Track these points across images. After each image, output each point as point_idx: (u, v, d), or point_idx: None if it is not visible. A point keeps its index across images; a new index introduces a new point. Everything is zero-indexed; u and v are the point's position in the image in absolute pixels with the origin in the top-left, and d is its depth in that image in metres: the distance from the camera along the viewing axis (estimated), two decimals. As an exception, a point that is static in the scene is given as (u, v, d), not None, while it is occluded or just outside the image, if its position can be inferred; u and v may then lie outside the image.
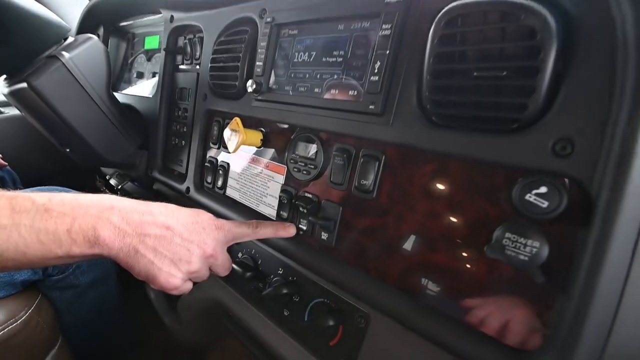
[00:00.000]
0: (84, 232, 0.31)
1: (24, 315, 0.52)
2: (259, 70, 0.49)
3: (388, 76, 0.36)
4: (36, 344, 0.54)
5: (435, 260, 0.35)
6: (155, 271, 0.34)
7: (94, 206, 0.32)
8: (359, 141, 0.40)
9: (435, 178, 0.35)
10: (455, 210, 0.33)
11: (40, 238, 0.30)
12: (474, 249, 0.32)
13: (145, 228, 0.34)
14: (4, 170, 0.92)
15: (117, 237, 0.32)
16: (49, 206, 0.30)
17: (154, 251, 0.34)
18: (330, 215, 0.43)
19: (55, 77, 0.63)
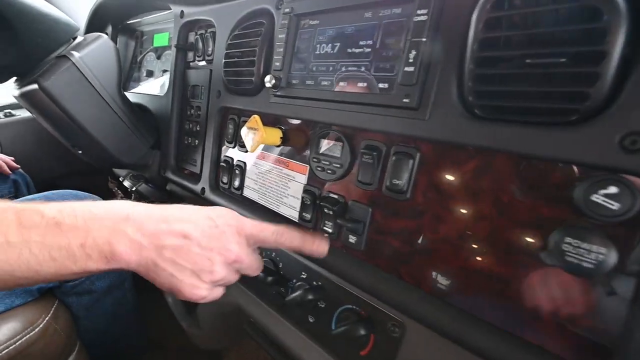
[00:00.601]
0: (99, 247, 0.29)
1: (42, 323, 0.51)
2: (277, 64, 0.46)
3: (424, 66, 0.33)
4: (54, 352, 0.53)
5: (480, 265, 0.32)
6: (178, 284, 0.32)
7: (108, 217, 0.30)
8: (390, 138, 0.38)
9: (479, 176, 0.32)
10: (502, 211, 0.31)
11: (52, 254, 0.27)
12: (525, 253, 0.29)
13: (161, 238, 0.31)
14: (17, 173, 0.92)
15: (134, 251, 0.30)
16: (59, 219, 0.28)
17: (173, 263, 0.31)
18: (359, 217, 0.40)
19: (66, 78, 0.62)
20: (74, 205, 0.30)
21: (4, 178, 0.87)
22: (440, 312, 0.34)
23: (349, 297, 0.43)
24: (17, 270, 0.27)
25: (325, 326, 0.45)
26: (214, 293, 0.35)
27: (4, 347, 0.46)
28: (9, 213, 0.27)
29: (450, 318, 0.33)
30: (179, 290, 0.33)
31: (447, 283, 0.34)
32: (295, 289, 0.49)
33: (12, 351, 0.46)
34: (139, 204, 0.33)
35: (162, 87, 0.82)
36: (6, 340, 0.46)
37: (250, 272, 0.38)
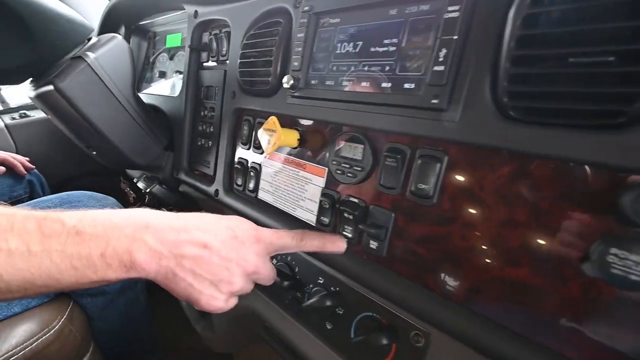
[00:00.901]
0: (119, 256, 0.28)
1: (57, 324, 0.51)
2: (296, 64, 0.45)
3: (455, 65, 0.31)
4: (70, 353, 0.53)
5: (514, 275, 0.30)
6: (196, 295, 0.32)
7: (128, 225, 0.30)
8: (415, 140, 0.36)
9: (513, 182, 0.30)
10: (539, 219, 0.29)
11: (73, 264, 0.27)
12: (564, 263, 0.28)
13: (181, 248, 0.31)
14: (32, 173, 0.93)
15: (153, 260, 0.30)
16: (80, 228, 0.28)
17: (192, 274, 0.31)
18: (381, 222, 0.39)
19: (81, 79, 0.61)
20: (94, 214, 0.30)
21: (20, 178, 0.88)
22: (470, 322, 0.32)
23: (368, 304, 0.42)
24: (37, 279, 0.27)
25: (343, 333, 0.44)
26: (230, 303, 0.35)
27: (20, 349, 0.46)
28: (31, 222, 0.27)
29: (480, 329, 0.32)
30: (197, 301, 0.32)
31: (477, 293, 0.33)
32: (312, 294, 0.48)
33: (29, 352, 0.46)
34: (159, 212, 0.33)
35: (175, 88, 0.82)
36: (23, 342, 0.46)
37: (265, 282, 0.38)
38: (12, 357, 0.45)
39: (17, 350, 0.45)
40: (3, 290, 0.26)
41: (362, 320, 0.42)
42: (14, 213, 0.27)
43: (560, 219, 0.28)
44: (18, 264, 0.26)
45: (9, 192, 0.84)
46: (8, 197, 0.84)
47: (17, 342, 0.45)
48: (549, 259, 0.28)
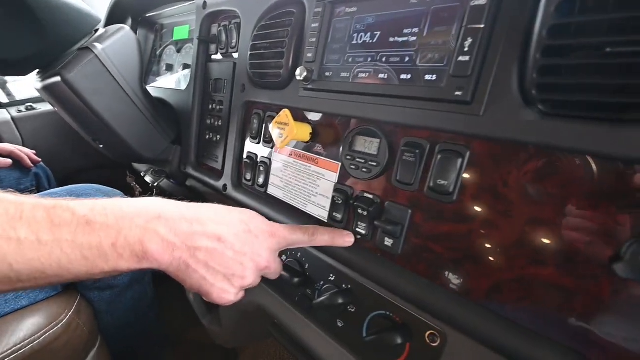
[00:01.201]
0: (130, 247, 0.28)
1: (65, 318, 0.50)
2: (309, 55, 0.44)
3: (481, 56, 0.30)
4: (77, 347, 0.53)
5: (537, 275, 0.29)
6: (208, 287, 0.32)
7: (139, 215, 0.29)
8: (435, 134, 0.35)
9: (540, 178, 0.29)
10: (567, 217, 0.28)
11: (84, 253, 0.27)
12: (594, 263, 0.26)
13: (195, 240, 0.30)
14: (38, 166, 0.92)
15: (166, 251, 0.29)
16: (90, 218, 0.27)
17: (205, 266, 0.31)
18: (397, 219, 0.38)
19: (88, 70, 0.61)
20: (104, 203, 0.29)
21: (26, 171, 0.88)
22: (490, 322, 0.31)
23: (380, 303, 0.41)
24: (48, 269, 0.26)
25: (355, 332, 0.43)
26: (239, 297, 0.35)
27: (28, 342, 0.45)
28: (40, 210, 0.26)
29: (500, 330, 0.31)
30: (208, 294, 0.32)
31: (497, 293, 0.31)
32: (323, 291, 0.47)
33: (36, 346, 0.46)
34: (170, 201, 0.32)
35: (182, 81, 0.81)
36: (31, 335, 0.46)
37: (272, 277, 0.38)
38: (20, 350, 0.44)
39: (25, 343, 0.45)
40: (14, 280, 0.26)
41: (375, 319, 0.41)
42: (22, 201, 0.26)
43: (590, 218, 0.27)
44: (28, 253, 0.25)
45: (16, 185, 0.84)
46: (14, 190, 0.83)
47: (24, 336, 0.45)
48: (576, 259, 0.27)
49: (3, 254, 0.25)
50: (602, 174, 0.26)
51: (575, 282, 0.27)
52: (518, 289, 0.30)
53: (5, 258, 0.25)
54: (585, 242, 0.27)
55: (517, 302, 0.30)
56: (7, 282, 0.26)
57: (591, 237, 0.26)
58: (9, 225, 0.25)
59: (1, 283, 0.26)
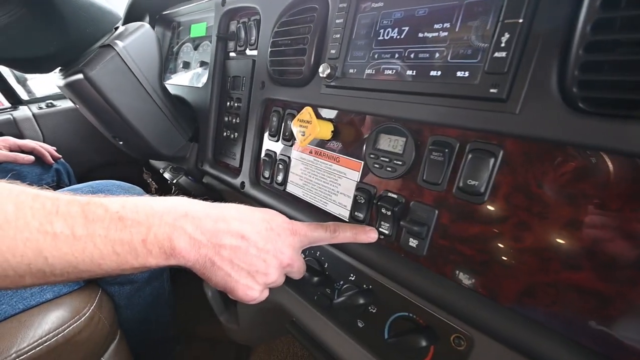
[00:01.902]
0: (159, 243, 0.28)
1: (88, 312, 0.51)
2: (333, 52, 0.43)
3: (519, 52, 0.29)
4: (98, 340, 0.53)
5: (573, 279, 0.28)
6: (233, 284, 0.32)
7: (168, 213, 0.30)
8: (465, 133, 0.34)
9: (579, 179, 0.28)
10: (607, 220, 0.26)
11: (115, 249, 0.27)
12: (632, 268, 0.25)
13: (220, 237, 0.31)
14: (59, 162, 0.94)
15: (193, 248, 0.30)
16: (122, 214, 0.28)
17: (230, 263, 0.31)
18: (422, 220, 0.37)
19: (110, 67, 0.61)
20: (135, 200, 0.29)
21: (47, 167, 0.90)
22: (520, 327, 0.30)
23: (403, 304, 0.40)
24: (80, 264, 0.26)
25: (376, 332, 0.42)
26: (264, 295, 0.35)
27: (52, 335, 0.46)
28: (75, 206, 0.26)
29: (531, 334, 0.30)
30: (233, 290, 0.32)
31: (529, 297, 0.30)
32: (343, 291, 0.46)
33: (61, 339, 0.47)
34: (195, 201, 0.33)
35: (200, 78, 0.81)
36: (55, 328, 0.47)
37: (296, 276, 0.38)
38: (45, 342, 0.45)
39: (50, 336, 0.46)
40: (47, 274, 0.26)
41: (397, 321, 0.41)
42: (57, 197, 0.27)
43: (633, 221, 0.25)
44: (63, 247, 0.25)
45: (37, 181, 0.86)
46: (37, 186, 0.85)
47: (49, 329, 0.46)
48: (613, 263, 0.26)
49: (39, 247, 0.25)
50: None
51: (611, 287, 0.26)
52: (551, 293, 0.29)
53: (41, 252, 0.25)
54: (626, 247, 0.26)
55: (549, 306, 0.29)
56: (41, 276, 0.26)
57: (630, 241, 0.25)
58: (46, 219, 0.25)
59: (34, 277, 0.26)
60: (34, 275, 0.26)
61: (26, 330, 0.44)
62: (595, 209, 0.27)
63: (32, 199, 0.25)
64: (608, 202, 0.26)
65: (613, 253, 0.26)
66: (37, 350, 0.44)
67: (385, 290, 0.42)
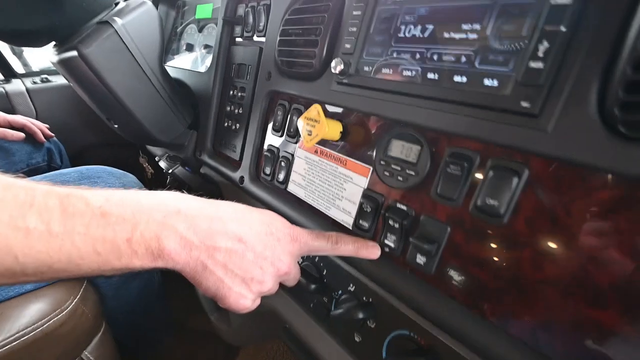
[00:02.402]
0: (146, 243, 0.26)
1: (70, 305, 0.49)
2: (347, 46, 0.40)
3: (557, 64, 0.26)
4: (80, 333, 0.51)
5: (596, 317, 0.26)
6: (225, 291, 0.29)
7: (158, 209, 0.27)
8: (487, 147, 0.31)
9: (613, 210, 0.25)
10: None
11: (96, 248, 0.24)
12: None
13: (214, 239, 0.28)
14: (51, 141, 0.90)
15: (184, 250, 0.27)
16: (106, 209, 0.25)
17: (224, 268, 0.29)
18: (433, 236, 0.34)
19: (107, 46, 0.57)
20: (122, 194, 0.27)
21: (39, 146, 0.86)
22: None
23: (405, 322, 0.38)
24: (56, 263, 0.24)
25: (374, 349, 0.40)
26: (255, 304, 0.32)
27: (31, 329, 0.44)
28: (53, 198, 0.24)
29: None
30: (225, 298, 0.30)
31: (544, 331, 0.28)
32: (341, 301, 0.44)
33: (39, 333, 0.44)
34: (190, 196, 0.30)
35: (202, 62, 0.77)
36: (34, 322, 0.44)
37: (290, 284, 0.36)
38: (23, 337, 0.43)
39: (28, 330, 0.43)
40: (17, 273, 0.23)
41: (397, 339, 0.39)
42: (34, 187, 0.24)
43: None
44: (36, 245, 0.23)
45: (27, 160, 0.83)
46: (26, 165, 0.82)
47: (27, 322, 0.44)
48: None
49: (9, 244, 0.22)
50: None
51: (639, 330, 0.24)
52: (570, 330, 0.27)
53: (11, 249, 0.22)
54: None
55: (567, 344, 0.27)
56: (10, 276, 0.24)
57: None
58: (18, 212, 0.22)
59: (2, 276, 0.23)
60: (2, 275, 0.23)
61: (3, 323, 0.42)
62: (629, 245, 0.24)
63: (2, 188, 0.22)
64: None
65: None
66: (14, 345, 0.42)
67: (387, 305, 0.40)
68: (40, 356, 0.45)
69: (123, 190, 0.27)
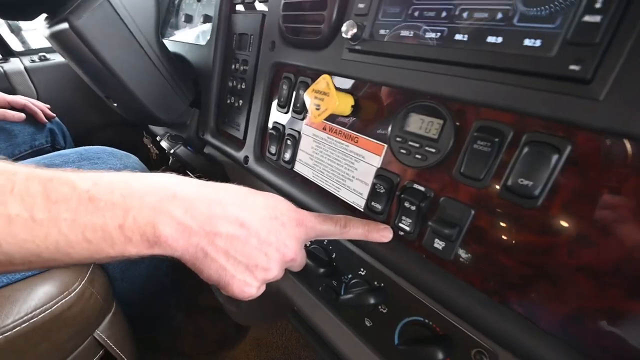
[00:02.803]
0: (140, 229, 0.24)
1: (78, 287, 0.48)
2: (361, 6, 0.35)
3: (617, 17, 0.21)
4: (90, 314, 0.51)
5: (637, 310, 0.23)
6: (228, 279, 0.28)
7: (151, 193, 0.25)
8: (523, 119, 0.27)
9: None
10: None
11: (86, 236, 0.23)
12: None
13: (215, 224, 0.26)
14: (53, 122, 0.88)
15: (182, 236, 0.25)
16: (94, 193, 0.23)
17: (226, 255, 0.27)
18: (454, 219, 0.31)
19: (99, 16, 0.53)
20: (111, 176, 0.25)
21: (41, 127, 0.84)
22: (560, 355, 0.26)
23: (419, 308, 0.36)
24: (44, 252, 0.22)
25: (385, 334, 0.39)
26: (260, 291, 0.31)
27: (40, 312, 0.44)
28: (35, 183, 0.22)
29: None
30: (228, 286, 0.28)
31: (575, 323, 0.26)
32: (351, 285, 0.42)
33: (48, 315, 0.44)
34: (187, 179, 0.28)
35: (202, 35, 0.72)
36: (42, 305, 0.44)
37: (296, 269, 0.34)
38: (31, 319, 0.43)
39: (37, 312, 0.43)
40: (4, 263, 0.22)
41: (410, 325, 0.37)
42: (15, 171, 0.22)
43: None
44: (20, 233, 0.21)
45: (30, 141, 0.81)
46: (30, 146, 0.81)
47: (35, 305, 0.43)
48: None
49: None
50: None
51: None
52: (605, 322, 0.24)
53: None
54: None
55: (601, 338, 0.25)
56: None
57: None
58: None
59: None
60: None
61: (11, 306, 0.41)
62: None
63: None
64: None
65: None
66: (24, 327, 0.42)
67: (400, 290, 0.38)
68: (50, 337, 0.46)
69: (113, 172, 0.25)
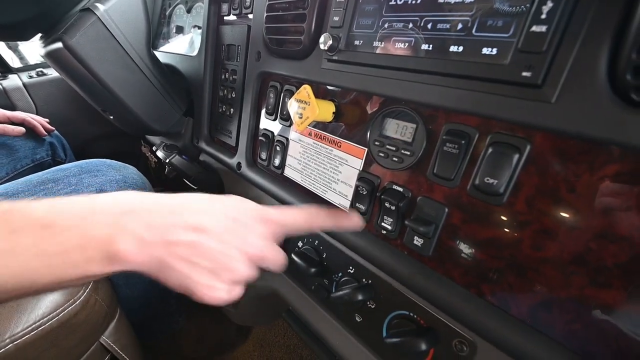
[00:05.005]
0: (99, 247, 0.24)
1: (83, 295, 0.50)
2: (336, 19, 0.37)
3: (562, 26, 0.23)
4: (96, 321, 0.53)
5: (598, 297, 0.25)
6: (192, 285, 0.27)
7: (108, 211, 0.25)
8: (487, 122, 0.29)
9: (621, 185, 0.23)
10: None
11: (47, 261, 0.23)
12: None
13: (172, 233, 0.26)
14: (53, 135, 0.91)
15: (141, 250, 0.25)
16: (50, 219, 0.24)
17: (187, 263, 0.27)
18: (430, 218, 0.33)
19: (91, 34, 0.55)
20: (68, 200, 0.25)
21: (41, 141, 0.87)
22: (531, 341, 0.28)
23: (404, 302, 0.38)
24: (8, 282, 0.23)
25: (374, 328, 0.41)
26: (234, 293, 0.30)
27: (47, 320, 0.46)
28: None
29: (543, 351, 0.27)
30: (194, 292, 0.28)
31: (544, 311, 0.27)
32: (341, 284, 0.44)
33: (55, 323, 0.47)
34: (146, 194, 0.28)
35: (193, 45, 0.74)
36: (49, 313, 0.46)
37: (274, 268, 0.33)
38: (40, 327, 0.45)
39: (44, 320, 0.45)
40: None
41: (397, 319, 0.39)
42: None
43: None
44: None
45: (32, 155, 0.83)
46: (31, 160, 0.83)
47: (43, 313, 0.46)
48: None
49: None
50: None
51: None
52: (570, 309, 0.26)
53: None
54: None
55: (568, 323, 0.26)
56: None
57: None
58: None
59: None
60: None
61: (19, 315, 0.44)
62: (636, 221, 0.23)
63: None
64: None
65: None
66: (32, 335, 0.44)
67: (386, 286, 0.40)
68: (58, 343, 0.48)
69: (72, 196, 0.26)
